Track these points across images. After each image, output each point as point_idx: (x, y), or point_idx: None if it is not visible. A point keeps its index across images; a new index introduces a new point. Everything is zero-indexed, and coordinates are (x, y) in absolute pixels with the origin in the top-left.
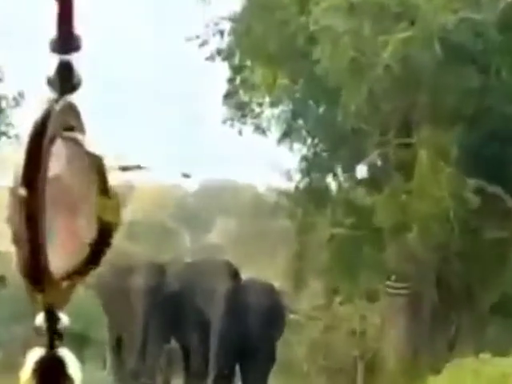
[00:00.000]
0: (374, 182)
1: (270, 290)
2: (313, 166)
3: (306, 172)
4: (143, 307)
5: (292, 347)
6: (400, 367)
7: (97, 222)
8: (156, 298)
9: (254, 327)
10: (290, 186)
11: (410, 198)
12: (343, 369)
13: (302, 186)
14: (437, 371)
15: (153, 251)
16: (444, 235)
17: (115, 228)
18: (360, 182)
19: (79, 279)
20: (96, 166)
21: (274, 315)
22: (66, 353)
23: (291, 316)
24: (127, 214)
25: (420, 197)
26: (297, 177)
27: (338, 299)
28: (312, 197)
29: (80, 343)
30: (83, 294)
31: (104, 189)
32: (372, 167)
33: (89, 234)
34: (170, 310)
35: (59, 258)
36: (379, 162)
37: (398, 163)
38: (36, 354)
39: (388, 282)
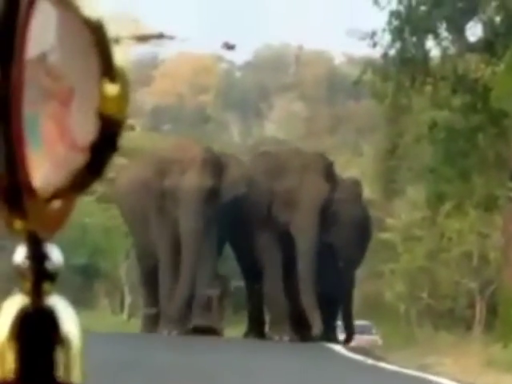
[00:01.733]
0: (491, 46)
1: (355, 193)
2: (407, 24)
3: (397, 34)
4: (195, 220)
5: (384, 279)
6: None
7: (97, 116)
8: (212, 205)
9: (340, 245)
10: (376, 53)
11: None
12: (455, 309)
13: (392, 53)
14: None
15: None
16: None
17: (122, 124)
18: (472, 47)
19: (74, 198)
20: (97, 38)
21: (361, 229)
22: (57, 301)
23: (382, 235)
24: (151, 95)
25: None
26: (385, 41)
27: (445, 209)
28: (406, 68)
29: (86, 279)
30: (87, 209)
31: (107, 70)
32: (489, 25)
33: (87, 133)
34: (230, 222)
35: (46, 169)
36: (498, 18)
37: None
38: (16, 303)
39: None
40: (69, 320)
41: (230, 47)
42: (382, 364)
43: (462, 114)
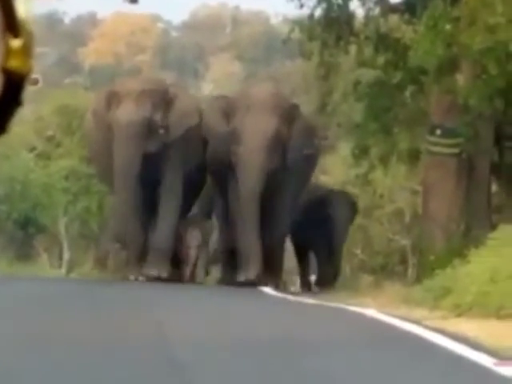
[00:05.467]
0: (411, 7)
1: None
2: None
3: None
4: (127, 155)
5: None
6: (449, 249)
7: (1, 70)
8: (153, 139)
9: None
10: (303, 13)
11: (456, 28)
12: (388, 265)
13: (317, 13)
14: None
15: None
16: (502, 77)
17: (26, 78)
18: (395, 8)
19: None
20: None
21: None
22: None
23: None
24: (88, 55)
25: (469, 25)
26: (311, 2)
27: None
28: (331, 28)
29: (27, 234)
30: (28, 166)
31: (10, 24)
32: None
33: None
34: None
35: None
36: None
37: None
38: None
39: (430, 137)
40: None
41: (132, 1)
42: (304, 299)
43: (384, 72)
